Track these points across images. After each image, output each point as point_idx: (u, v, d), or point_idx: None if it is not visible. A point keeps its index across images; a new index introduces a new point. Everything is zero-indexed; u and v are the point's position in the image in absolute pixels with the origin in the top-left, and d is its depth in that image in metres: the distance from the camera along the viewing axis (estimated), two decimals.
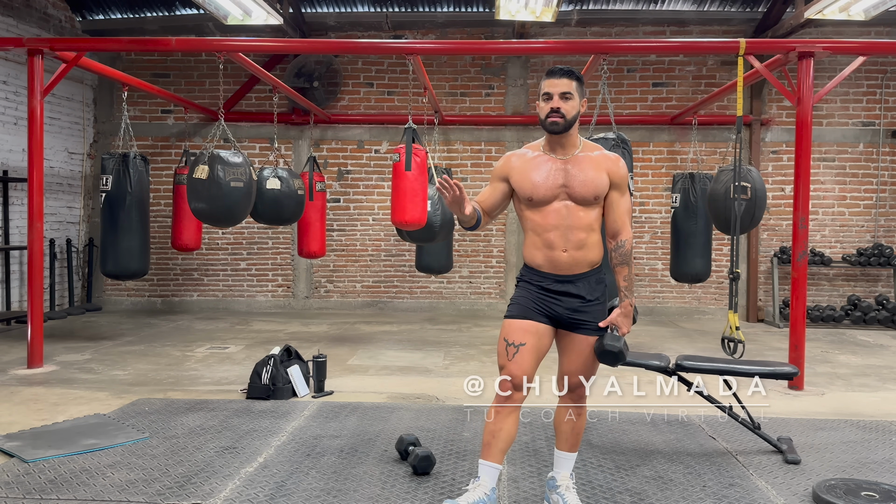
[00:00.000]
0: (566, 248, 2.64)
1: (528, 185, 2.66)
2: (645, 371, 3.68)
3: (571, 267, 2.66)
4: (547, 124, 2.63)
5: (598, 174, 2.64)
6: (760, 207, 6.05)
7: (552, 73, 2.65)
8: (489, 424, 2.66)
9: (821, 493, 2.97)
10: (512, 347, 2.63)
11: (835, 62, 8.57)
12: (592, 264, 2.70)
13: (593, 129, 5.76)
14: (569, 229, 2.63)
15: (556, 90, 2.61)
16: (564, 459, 2.86)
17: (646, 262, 9.07)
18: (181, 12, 8.85)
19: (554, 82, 2.62)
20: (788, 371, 3.76)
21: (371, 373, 5.55)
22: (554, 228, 2.63)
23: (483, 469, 2.67)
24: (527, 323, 2.65)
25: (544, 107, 2.63)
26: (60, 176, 8.62)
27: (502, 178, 2.75)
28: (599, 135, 5.26)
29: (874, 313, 8.33)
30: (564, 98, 2.61)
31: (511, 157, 2.78)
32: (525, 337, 2.63)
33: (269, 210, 6.50)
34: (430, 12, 9.00)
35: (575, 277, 2.67)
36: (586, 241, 2.65)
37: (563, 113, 2.60)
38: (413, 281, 9.24)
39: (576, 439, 2.84)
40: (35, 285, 5.73)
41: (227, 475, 3.24)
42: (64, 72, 5.84)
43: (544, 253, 2.66)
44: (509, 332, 2.66)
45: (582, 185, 2.62)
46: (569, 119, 2.61)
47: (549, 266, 2.67)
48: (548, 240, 2.65)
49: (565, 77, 2.62)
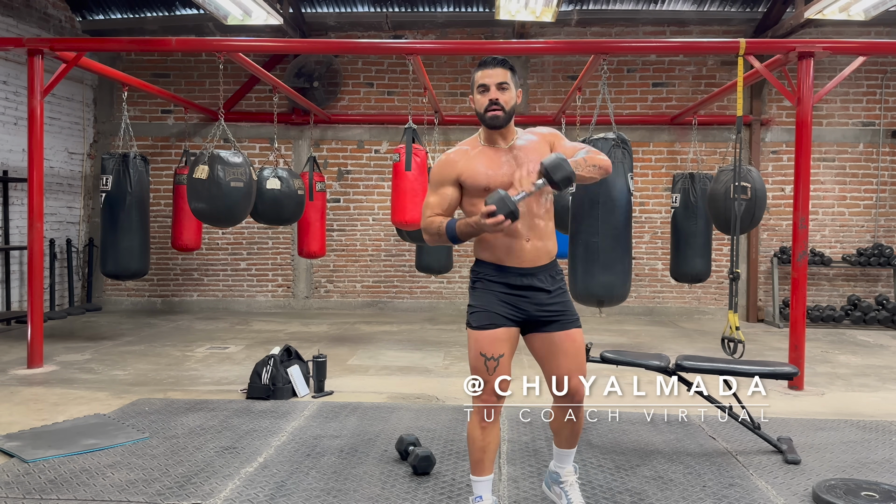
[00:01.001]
0: (529, 236, 2.54)
1: (483, 177, 2.52)
2: (645, 371, 3.68)
3: (534, 258, 2.56)
4: (487, 119, 2.51)
5: (542, 151, 2.56)
6: (760, 207, 6.05)
7: (485, 63, 2.52)
8: (477, 441, 2.56)
9: (821, 493, 2.97)
10: (492, 362, 2.50)
11: (835, 62, 8.57)
12: (550, 255, 2.62)
13: (593, 129, 5.76)
14: (529, 216, 2.52)
15: (492, 81, 2.49)
16: (565, 455, 2.82)
17: (646, 262, 9.07)
18: (181, 12, 8.85)
19: (489, 73, 2.50)
20: (788, 371, 3.76)
21: (371, 373, 5.55)
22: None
23: (480, 486, 2.62)
24: (500, 331, 2.53)
25: (481, 99, 2.50)
26: (60, 176, 8.62)
27: (452, 182, 2.58)
28: (599, 135, 5.26)
29: (874, 313, 8.32)
30: (501, 89, 2.49)
31: (451, 157, 2.61)
32: (502, 347, 2.52)
33: (269, 210, 6.50)
34: (430, 12, 9.00)
35: (537, 270, 2.57)
36: (545, 229, 2.58)
37: (502, 105, 2.48)
38: (413, 281, 9.24)
39: (575, 437, 2.80)
40: (35, 285, 5.73)
41: (227, 475, 3.24)
42: (64, 72, 5.84)
43: (506, 244, 2.53)
44: (484, 345, 2.51)
45: (534, 171, 2.47)
46: (508, 111, 2.50)
47: (512, 258, 2.54)
48: (511, 229, 2.49)
49: (500, 67, 2.50)
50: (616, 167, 5.14)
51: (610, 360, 3.86)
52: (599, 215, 5.11)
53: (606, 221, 5.11)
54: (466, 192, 2.59)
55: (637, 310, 9.03)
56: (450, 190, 2.59)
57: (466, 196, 2.60)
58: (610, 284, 5.11)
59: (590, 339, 4.21)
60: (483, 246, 2.60)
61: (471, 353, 2.57)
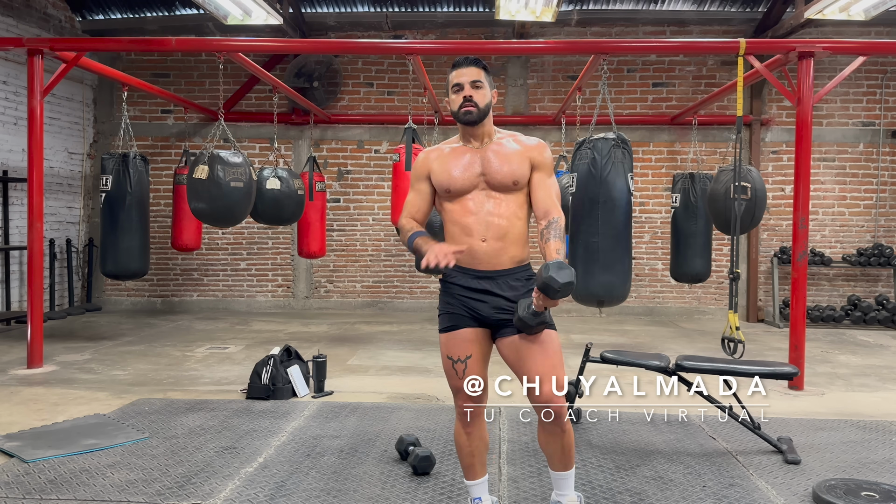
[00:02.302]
0: (485, 236, 2.46)
1: (446, 176, 2.51)
2: (645, 371, 3.68)
3: (491, 260, 2.46)
4: (461, 115, 2.51)
5: (516, 158, 2.51)
6: (760, 207, 6.05)
7: (459, 63, 2.56)
8: (464, 448, 2.56)
9: (821, 493, 2.97)
10: (460, 364, 2.48)
11: (835, 62, 8.57)
12: (516, 260, 2.50)
13: (593, 129, 5.76)
14: (488, 215, 2.47)
15: (465, 79, 2.51)
16: (563, 479, 2.61)
17: (646, 262, 9.07)
18: (181, 12, 8.85)
19: (462, 72, 2.53)
20: (788, 371, 3.76)
21: (371, 373, 5.55)
22: (472, 215, 2.48)
23: (476, 489, 2.62)
24: (463, 332, 2.49)
25: (456, 98, 2.53)
26: (60, 176, 8.62)
27: (425, 178, 2.59)
28: (599, 135, 5.26)
29: (874, 313, 8.32)
30: (475, 87, 2.51)
31: (429, 154, 2.63)
32: (468, 348, 2.48)
33: (269, 210, 6.50)
34: (430, 12, 9.00)
35: (496, 274, 2.47)
36: (508, 230, 2.47)
37: (475, 102, 2.49)
38: (413, 281, 9.24)
39: (568, 456, 2.56)
40: (35, 285, 5.73)
41: (227, 475, 3.24)
42: (64, 72, 5.84)
43: (462, 243, 2.46)
44: (450, 347, 2.50)
45: (499, 172, 2.48)
46: (482, 107, 2.51)
47: (468, 259, 2.46)
48: (465, 226, 2.48)
49: (473, 66, 2.53)
50: (616, 167, 5.15)
51: (610, 360, 3.87)
52: (599, 215, 5.11)
53: (606, 221, 5.11)
54: (436, 190, 2.58)
55: (637, 310, 9.03)
56: (425, 186, 2.60)
57: (437, 195, 2.60)
58: (610, 284, 5.12)
59: (590, 339, 4.22)
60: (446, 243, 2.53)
61: (441, 357, 2.56)
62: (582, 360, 3.90)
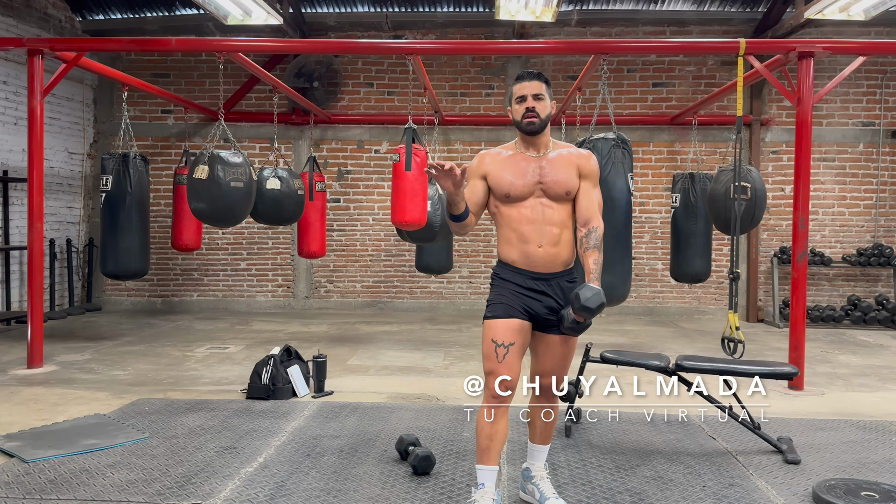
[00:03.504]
0: (541, 243, 2.68)
1: (506, 182, 2.70)
2: (645, 371, 3.69)
3: (546, 264, 2.69)
4: (524, 125, 2.71)
5: (570, 170, 2.73)
6: (760, 207, 6.05)
7: (522, 77, 2.73)
8: (486, 427, 2.63)
9: (821, 493, 2.97)
10: (502, 348, 2.62)
11: (835, 62, 8.58)
12: (566, 264, 2.75)
13: (593, 129, 5.76)
14: (544, 224, 2.68)
15: (529, 92, 2.70)
16: (538, 451, 2.93)
17: (646, 262, 9.07)
18: (181, 12, 8.85)
19: (525, 85, 2.71)
20: (788, 371, 3.76)
21: (371, 373, 5.55)
22: (529, 223, 2.69)
23: (484, 474, 2.66)
24: (513, 322, 2.65)
25: (519, 108, 2.72)
26: (60, 176, 8.62)
27: (480, 177, 2.77)
28: (599, 135, 5.26)
29: (874, 313, 8.32)
30: (537, 99, 2.69)
31: (485, 157, 2.81)
32: (513, 336, 2.64)
33: (269, 210, 6.50)
34: (430, 12, 9.01)
35: (550, 276, 2.71)
36: (560, 237, 2.70)
37: (537, 112, 2.68)
38: (413, 281, 9.24)
39: (549, 433, 2.92)
40: (35, 285, 5.73)
41: (227, 475, 3.24)
42: (64, 72, 5.84)
43: (519, 248, 2.70)
44: (496, 332, 2.65)
45: (555, 182, 2.69)
46: (543, 118, 2.70)
47: (525, 262, 2.70)
48: (522, 234, 2.69)
49: (536, 80, 2.71)
50: (616, 167, 5.15)
51: (610, 360, 3.87)
52: None
53: (606, 221, 5.06)
54: (493, 192, 2.76)
55: (637, 310, 9.03)
56: (478, 184, 2.77)
57: (493, 196, 2.78)
58: (610, 284, 5.10)
59: (590, 339, 4.22)
60: (503, 248, 2.77)
61: (484, 342, 2.68)
62: (582, 360, 3.90)
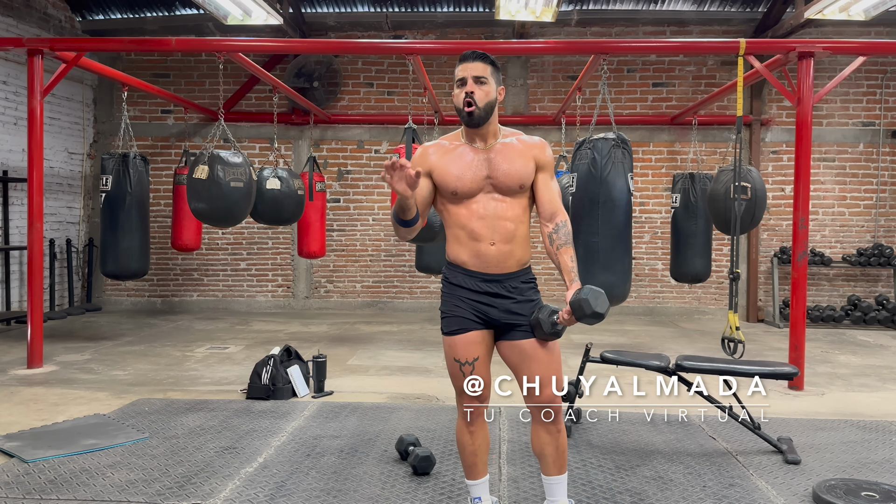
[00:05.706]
0: (493, 240, 2.42)
1: (452, 178, 2.43)
2: (645, 371, 3.68)
3: (500, 264, 2.44)
4: (464, 115, 2.41)
5: (524, 161, 2.45)
6: (760, 207, 6.05)
7: (465, 57, 2.43)
8: (467, 447, 2.54)
9: (821, 493, 2.97)
10: (467, 366, 2.45)
11: (835, 62, 8.57)
12: (521, 262, 2.49)
13: (593, 129, 5.76)
14: (496, 219, 2.42)
15: (469, 74, 2.40)
16: (556, 485, 2.56)
17: (646, 262, 9.07)
18: (181, 12, 8.85)
19: (467, 66, 2.41)
20: (788, 371, 3.76)
21: (371, 373, 5.55)
22: (480, 219, 2.42)
23: (477, 489, 2.61)
24: (471, 335, 2.46)
25: (459, 94, 2.41)
26: (60, 176, 8.61)
27: (425, 174, 2.46)
28: (599, 135, 5.26)
29: (874, 313, 8.32)
30: (479, 82, 2.39)
31: (428, 150, 2.52)
32: (475, 350, 2.46)
33: (269, 210, 6.50)
34: (430, 12, 9.00)
35: (503, 277, 2.46)
36: (515, 233, 2.45)
37: (475, 100, 2.38)
38: (413, 281, 9.24)
39: (562, 460, 2.55)
40: (35, 285, 5.73)
41: (227, 475, 3.24)
42: (64, 72, 5.84)
43: (470, 247, 2.44)
44: (457, 350, 2.46)
45: (507, 175, 2.42)
46: (482, 107, 2.39)
47: (476, 263, 2.45)
48: (473, 231, 2.43)
49: (479, 60, 2.41)
50: (616, 167, 5.15)
51: (610, 360, 3.87)
52: (599, 215, 5.12)
53: (606, 221, 5.11)
54: (438, 190, 2.49)
55: (637, 310, 9.03)
56: (423, 182, 2.46)
57: (439, 194, 2.51)
58: (610, 284, 5.11)
59: (590, 339, 4.22)
60: (452, 247, 2.51)
61: (447, 361, 2.52)
62: (582, 360, 3.90)
